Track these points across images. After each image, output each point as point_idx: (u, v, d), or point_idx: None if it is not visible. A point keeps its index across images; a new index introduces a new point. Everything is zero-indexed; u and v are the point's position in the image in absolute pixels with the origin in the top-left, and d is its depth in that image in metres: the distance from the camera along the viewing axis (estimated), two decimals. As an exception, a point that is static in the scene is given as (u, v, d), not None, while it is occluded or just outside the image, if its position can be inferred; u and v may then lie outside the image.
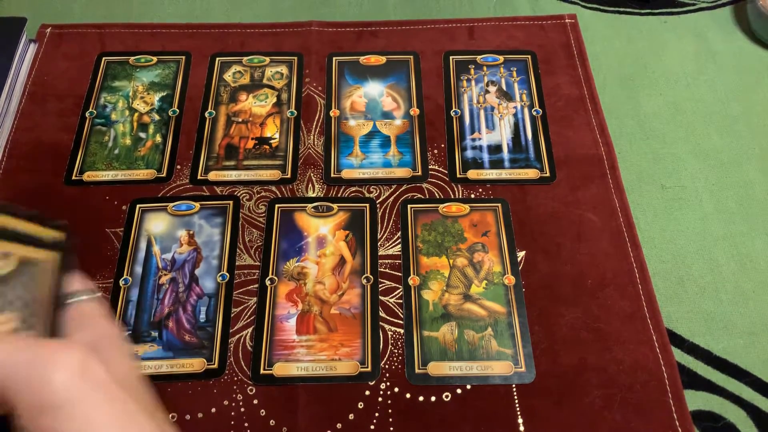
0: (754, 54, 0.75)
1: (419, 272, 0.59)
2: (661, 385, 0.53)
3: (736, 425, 0.52)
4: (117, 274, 0.58)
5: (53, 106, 0.70)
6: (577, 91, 0.71)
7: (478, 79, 0.72)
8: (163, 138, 0.67)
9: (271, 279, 0.58)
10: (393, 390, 0.53)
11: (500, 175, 0.65)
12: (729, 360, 0.55)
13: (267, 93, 0.71)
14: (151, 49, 0.74)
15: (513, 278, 0.58)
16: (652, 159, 0.67)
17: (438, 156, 0.66)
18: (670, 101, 0.71)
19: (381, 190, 0.64)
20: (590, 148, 0.66)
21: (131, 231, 0.61)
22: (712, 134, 0.69)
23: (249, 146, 0.67)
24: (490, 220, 0.62)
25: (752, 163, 0.67)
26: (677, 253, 0.61)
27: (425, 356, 0.54)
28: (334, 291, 0.58)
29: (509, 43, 0.75)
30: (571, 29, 0.76)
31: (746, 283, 0.59)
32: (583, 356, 0.54)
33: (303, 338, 0.55)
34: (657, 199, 0.64)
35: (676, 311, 0.58)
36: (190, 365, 0.54)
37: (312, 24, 0.76)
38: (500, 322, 0.56)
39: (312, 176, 0.65)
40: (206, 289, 0.58)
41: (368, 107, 0.70)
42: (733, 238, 0.62)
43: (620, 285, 0.58)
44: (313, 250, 0.60)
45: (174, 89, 0.71)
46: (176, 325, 0.56)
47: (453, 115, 0.69)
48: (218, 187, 0.64)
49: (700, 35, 0.77)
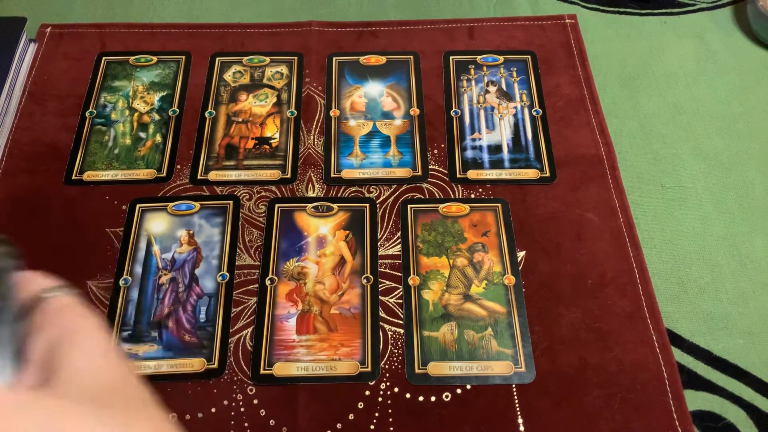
0: (754, 54, 0.75)
1: (419, 272, 0.59)
2: (661, 385, 0.53)
3: (736, 425, 0.52)
4: (117, 274, 0.58)
5: (53, 106, 0.70)
6: (577, 91, 0.71)
7: (478, 79, 0.72)
8: (163, 138, 0.67)
9: (271, 279, 0.58)
10: (393, 390, 0.53)
11: (500, 175, 0.65)
12: (729, 360, 0.55)
13: (267, 93, 0.71)
14: (151, 49, 0.74)
15: (513, 278, 0.58)
16: (652, 159, 0.67)
17: (438, 156, 0.66)
18: (670, 101, 0.71)
19: (381, 190, 0.64)
20: (590, 148, 0.66)
21: (131, 231, 0.61)
22: (712, 134, 0.69)
23: (249, 146, 0.67)
24: (490, 220, 0.62)
25: (752, 163, 0.67)
26: (677, 253, 0.61)
27: (425, 356, 0.54)
28: (334, 291, 0.58)
29: (509, 43, 0.75)
30: (571, 29, 0.76)
31: (746, 283, 0.59)
32: (583, 356, 0.54)
33: (303, 338, 0.55)
34: (657, 199, 0.64)
35: (676, 311, 0.58)
36: (190, 365, 0.54)
37: (312, 24, 0.76)
38: (500, 322, 0.56)
39: (312, 176, 0.65)
40: (206, 289, 0.58)
41: (368, 107, 0.70)
42: (733, 238, 0.62)
43: (620, 285, 0.58)
44: (313, 250, 0.60)
45: (174, 89, 0.71)
46: (176, 325, 0.56)
47: (453, 115, 0.69)
48: (218, 187, 0.64)
49: (700, 35, 0.77)
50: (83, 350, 0.30)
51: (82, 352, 0.30)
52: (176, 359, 0.54)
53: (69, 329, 0.30)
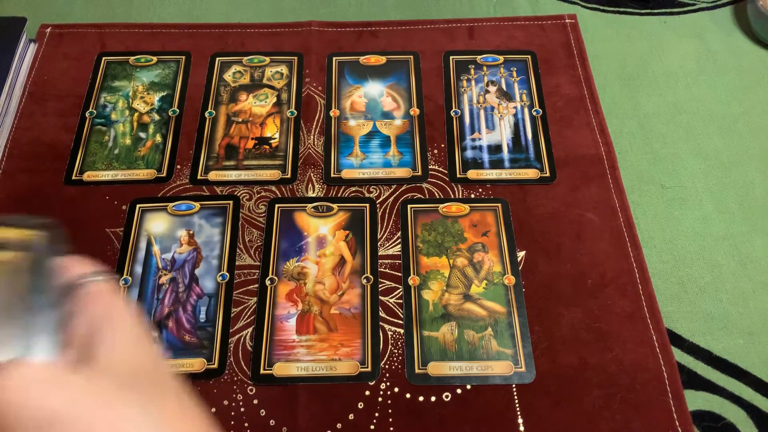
0: (754, 54, 0.75)
1: (419, 272, 0.59)
2: (661, 385, 0.53)
3: (736, 425, 0.52)
4: (117, 274, 0.58)
5: (53, 106, 0.70)
6: (577, 91, 0.71)
7: (478, 79, 0.72)
8: (163, 138, 0.67)
9: (271, 279, 0.58)
10: (393, 390, 0.53)
11: (500, 175, 0.65)
12: (729, 360, 0.55)
13: (267, 93, 0.71)
14: (151, 49, 0.74)
15: (513, 278, 0.58)
16: (652, 159, 0.67)
17: (438, 156, 0.66)
18: (670, 101, 0.71)
19: (381, 190, 0.64)
20: (590, 148, 0.66)
21: (131, 231, 0.61)
22: (712, 134, 0.69)
23: (249, 146, 0.67)
24: (490, 220, 0.62)
25: (752, 163, 0.67)
26: (677, 253, 0.61)
27: (425, 356, 0.54)
28: (334, 291, 0.58)
29: (509, 43, 0.75)
30: (571, 29, 0.76)
31: (746, 283, 0.59)
32: (583, 356, 0.54)
33: (303, 338, 0.55)
34: (657, 199, 0.64)
35: (676, 311, 0.58)
36: (190, 365, 0.54)
37: (312, 24, 0.76)
38: (500, 322, 0.56)
39: (312, 176, 0.65)
40: (206, 289, 0.58)
41: (368, 107, 0.70)
42: (733, 238, 0.62)
43: (620, 285, 0.58)
44: (313, 250, 0.60)
45: (174, 89, 0.71)
46: (176, 325, 0.56)
47: (453, 115, 0.69)
48: (218, 187, 0.64)
49: (700, 35, 0.77)
50: (118, 335, 0.31)
51: (116, 337, 0.31)
52: (176, 359, 0.54)
53: (105, 315, 0.32)
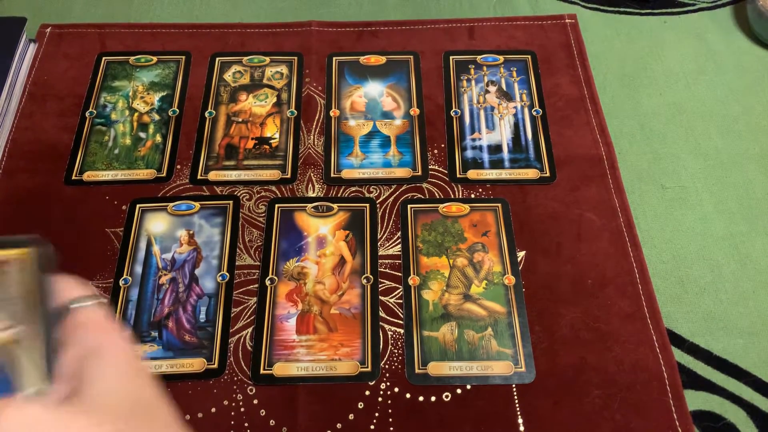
0: (754, 54, 0.75)
1: (419, 272, 0.59)
2: (661, 385, 0.53)
3: (736, 425, 0.52)
4: (117, 274, 0.58)
5: (53, 106, 0.70)
6: (577, 91, 0.71)
7: (478, 79, 0.72)
8: (163, 138, 0.67)
9: (271, 279, 0.58)
10: (393, 390, 0.53)
11: (500, 175, 0.65)
12: (729, 360, 0.55)
13: (267, 93, 0.71)
14: (151, 49, 0.74)
15: (513, 278, 0.58)
16: (652, 159, 0.67)
17: (438, 156, 0.66)
18: (670, 101, 0.71)
19: (381, 190, 0.64)
20: (590, 148, 0.66)
21: (131, 231, 0.61)
22: (712, 134, 0.69)
23: (249, 146, 0.67)
24: (490, 220, 0.62)
25: (752, 163, 0.67)
26: (677, 253, 0.61)
27: (425, 356, 0.54)
28: (334, 291, 0.58)
29: (509, 43, 0.75)
30: (571, 29, 0.76)
31: (746, 283, 0.59)
32: (583, 356, 0.54)
33: (303, 338, 0.55)
34: (657, 199, 0.64)
35: (676, 311, 0.58)
36: (190, 365, 0.54)
37: (312, 24, 0.76)
38: (500, 322, 0.56)
39: (312, 176, 0.65)
40: (206, 289, 0.58)
41: (368, 107, 0.70)
42: (733, 238, 0.62)
43: (620, 285, 0.58)
44: (313, 250, 0.60)
45: (174, 89, 0.71)
46: (176, 325, 0.56)
47: (453, 115, 0.69)
48: (218, 187, 0.64)
49: (700, 35, 0.77)
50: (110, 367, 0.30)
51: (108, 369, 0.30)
52: (176, 359, 0.54)
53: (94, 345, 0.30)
